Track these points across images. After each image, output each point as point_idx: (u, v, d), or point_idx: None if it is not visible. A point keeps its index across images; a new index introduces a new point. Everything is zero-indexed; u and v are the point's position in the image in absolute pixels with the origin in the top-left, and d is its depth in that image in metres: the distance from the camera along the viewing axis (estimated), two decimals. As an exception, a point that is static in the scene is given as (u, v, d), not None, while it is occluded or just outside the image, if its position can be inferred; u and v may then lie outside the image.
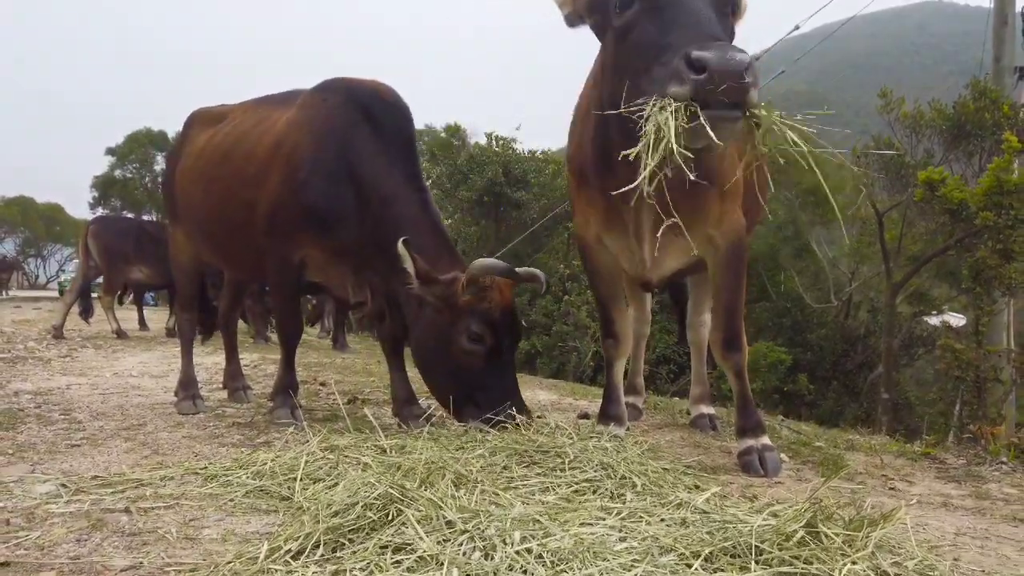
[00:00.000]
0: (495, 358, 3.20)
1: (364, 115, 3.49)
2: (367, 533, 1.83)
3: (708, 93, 2.11)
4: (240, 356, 4.87)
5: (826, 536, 1.68)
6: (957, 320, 11.73)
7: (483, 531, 1.78)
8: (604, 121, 2.67)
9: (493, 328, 3.16)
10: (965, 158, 9.50)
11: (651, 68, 2.29)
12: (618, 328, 3.35)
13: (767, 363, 11.95)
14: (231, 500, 2.28)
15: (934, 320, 13.01)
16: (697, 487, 2.43)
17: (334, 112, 3.51)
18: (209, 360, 6.67)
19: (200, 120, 4.31)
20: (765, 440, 3.00)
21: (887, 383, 10.44)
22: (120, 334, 9.78)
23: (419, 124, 3.75)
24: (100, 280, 10.95)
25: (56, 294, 32.19)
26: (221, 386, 4.88)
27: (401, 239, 3.14)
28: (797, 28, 13.64)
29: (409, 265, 3.13)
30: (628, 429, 3.35)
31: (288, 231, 3.48)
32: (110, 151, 35.80)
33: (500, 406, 3.09)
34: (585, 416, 4.21)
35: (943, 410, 9.05)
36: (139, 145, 35.44)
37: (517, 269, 3.29)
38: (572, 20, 2.77)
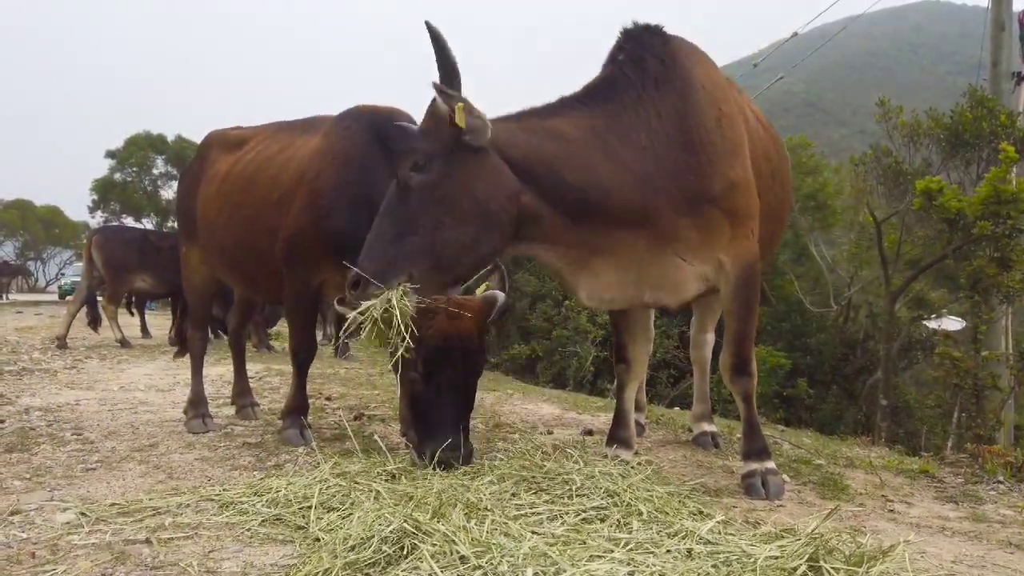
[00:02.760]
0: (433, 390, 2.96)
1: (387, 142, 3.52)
2: (383, 568, 1.90)
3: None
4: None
5: (828, 572, 1.75)
6: (955, 324, 11.76)
7: (496, 567, 1.84)
8: None
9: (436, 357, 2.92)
10: (963, 167, 9.57)
11: None
12: (631, 353, 3.40)
13: (767, 368, 12.00)
14: (247, 530, 2.34)
15: (932, 324, 13.06)
16: (701, 512, 2.49)
17: (357, 140, 3.57)
18: (213, 372, 6.70)
19: (218, 143, 4.33)
20: (769, 464, 3.05)
21: (886, 389, 10.52)
22: (124, 343, 9.85)
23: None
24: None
25: (55, 297, 32.16)
26: (229, 402, 4.93)
27: None
28: (795, 35, 13.72)
29: None
30: (636, 452, 3.40)
31: (309, 256, 3.53)
32: (109, 154, 35.64)
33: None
34: (589, 433, 4.27)
35: (943, 412, 9.12)
36: (138, 148, 35.24)
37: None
38: None
